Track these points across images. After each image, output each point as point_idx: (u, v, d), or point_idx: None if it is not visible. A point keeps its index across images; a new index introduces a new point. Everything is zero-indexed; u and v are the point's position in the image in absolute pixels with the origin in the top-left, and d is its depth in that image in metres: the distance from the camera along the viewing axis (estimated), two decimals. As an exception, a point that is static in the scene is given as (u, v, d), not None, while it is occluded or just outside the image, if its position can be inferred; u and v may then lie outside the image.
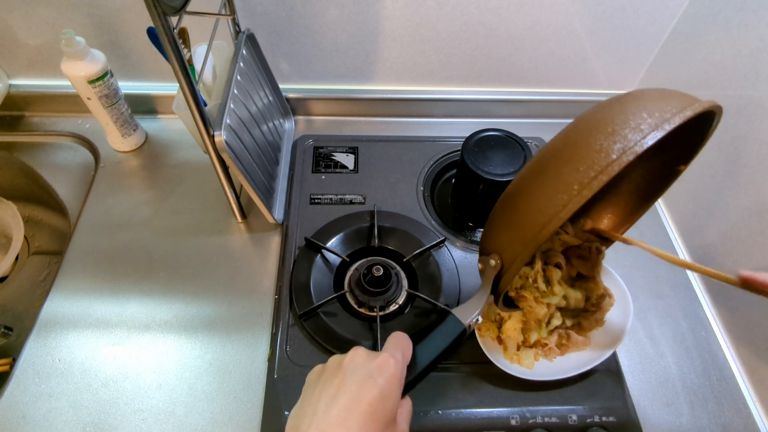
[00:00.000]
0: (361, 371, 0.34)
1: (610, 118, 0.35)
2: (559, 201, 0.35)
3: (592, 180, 0.33)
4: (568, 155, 0.36)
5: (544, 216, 0.35)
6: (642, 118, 0.34)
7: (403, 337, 0.39)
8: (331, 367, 0.36)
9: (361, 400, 0.32)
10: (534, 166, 0.39)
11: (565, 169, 0.35)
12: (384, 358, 0.35)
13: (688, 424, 0.52)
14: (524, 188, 0.39)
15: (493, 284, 0.42)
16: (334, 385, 0.34)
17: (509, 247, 0.39)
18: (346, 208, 0.65)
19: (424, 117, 0.80)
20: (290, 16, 0.66)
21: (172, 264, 0.60)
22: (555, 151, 0.38)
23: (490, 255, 0.41)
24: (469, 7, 0.66)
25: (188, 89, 0.45)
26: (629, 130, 0.33)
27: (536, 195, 0.37)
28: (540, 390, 0.50)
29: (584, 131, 0.36)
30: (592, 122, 0.36)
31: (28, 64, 0.71)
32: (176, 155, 0.72)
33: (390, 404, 0.33)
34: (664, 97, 0.35)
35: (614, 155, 0.33)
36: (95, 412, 0.49)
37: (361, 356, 0.36)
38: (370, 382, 0.33)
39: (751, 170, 0.57)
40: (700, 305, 0.61)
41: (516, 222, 0.39)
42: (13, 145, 0.73)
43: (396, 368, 0.35)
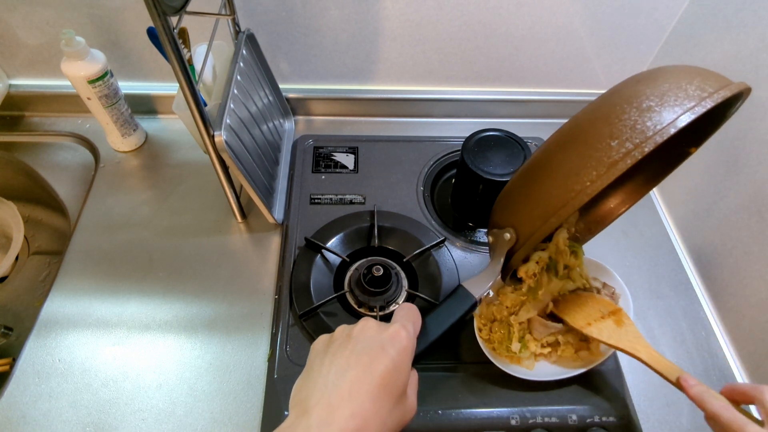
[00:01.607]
0: (372, 342, 0.33)
1: (644, 93, 0.33)
2: (586, 176, 0.33)
3: (626, 155, 0.32)
4: (598, 129, 0.34)
5: (569, 190, 0.34)
6: (678, 95, 0.32)
7: (413, 308, 0.38)
8: (340, 337, 0.35)
9: (373, 372, 0.31)
10: (560, 139, 0.37)
11: (596, 143, 0.33)
12: (396, 329, 0.34)
13: (688, 424, 0.52)
14: (548, 161, 0.37)
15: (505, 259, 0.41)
16: (344, 356, 0.33)
17: (528, 222, 0.38)
18: (346, 208, 0.65)
19: (424, 117, 0.80)
20: (290, 16, 0.66)
21: (172, 264, 0.60)
22: (583, 125, 0.36)
23: (504, 228, 0.40)
24: (469, 7, 0.66)
25: (188, 89, 0.45)
26: (666, 106, 0.31)
27: (562, 168, 0.35)
28: (540, 390, 0.50)
29: (616, 104, 0.34)
30: (624, 96, 0.34)
31: (28, 64, 0.71)
32: (176, 155, 0.72)
33: (402, 376, 0.33)
34: (700, 75, 0.34)
35: (649, 132, 0.31)
36: (95, 412, 0.49)
37: (371, 327, 0.35)
38: (382, 354, 0.32)
39: (751, 170, 0.57)
40: (700, 305, 0.61)
41: (537, 195, 0.37)
42: (13, 145, 0.73)
43: (408, 340, 0.34)
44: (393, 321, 0.36)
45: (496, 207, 0.43)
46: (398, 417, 0.33)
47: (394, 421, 0.32)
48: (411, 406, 0.35)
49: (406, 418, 0.34)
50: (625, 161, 0.32)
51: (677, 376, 0.39)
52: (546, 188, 0.36)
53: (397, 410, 0.32)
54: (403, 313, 0.37)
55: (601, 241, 0.55)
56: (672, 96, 0.32)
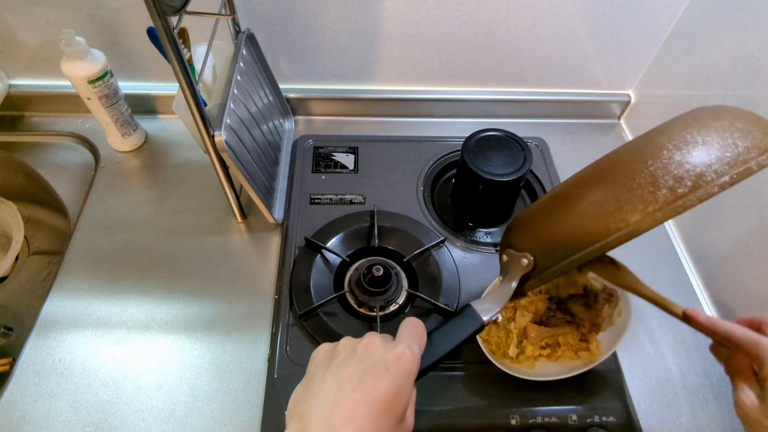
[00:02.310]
0: (377, 363, 0.32)
1: (694, 140, 0.30)
2: (622, 219, 0.31)
3: (666, 205, 0.29)
4: (639, 171, 0.31)
5: (601, 231, 0.31)
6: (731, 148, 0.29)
7: (419, 326, 0.37)
8: (343, 352, 0.34)
9: (375, 394, 0.30)
10: (596, 173, 0.35)
11: (635, 186, 0.31)
12: (401, 350, 0.33)
13: (688, 424, 0.52)
14: (582, 193, 0.35)
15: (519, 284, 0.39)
16: (346, 374, 0.32)
17: (549, 254, 0.36)
18: (346, 208, 0.65)
19: (424, 117, 0.80)
20: (290, 16, 0.66)
21: (172, 264, 0.60)
22: (624, 162, 0.33)
23: (521, 252, 0.38)
24: (469, 7, 0.66)
25: (188, 89, 0.45)
26: (717, 159, 0.29)
27: (596, 205, 0.33)
28: (540, 390, 0.50)
29: (663, 148, 0.31)
30: (672, 138, 0.32)
31: (28, 64, 0.71)
32: (176, 155, 0.72)
33: (404, 399, 0.32)
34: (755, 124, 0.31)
35: (696, 185, 0.29)
36: (95, 412, 0.49)
37: (377, 345, 0.34)
38: (386, 376, 0.31)
39: (751, 170, 0.56)
40: (700, 305, 0.61)
41: (565, 228, 0.35)
42: (13, 145, 0.73)
43: (413, 363, 0.33)
44: (398, 339, 0.35)
45: (515, 227, 0.41)
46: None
47: None
48: (409, 425, 0.34)
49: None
50: (665, 212, 0.29)
51: (683, 310, 0.38)
52: (574, 223, 0.34)
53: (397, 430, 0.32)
54: (408, 330, 0.36)
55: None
56: (725, 147, 0.30)
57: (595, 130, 0.81)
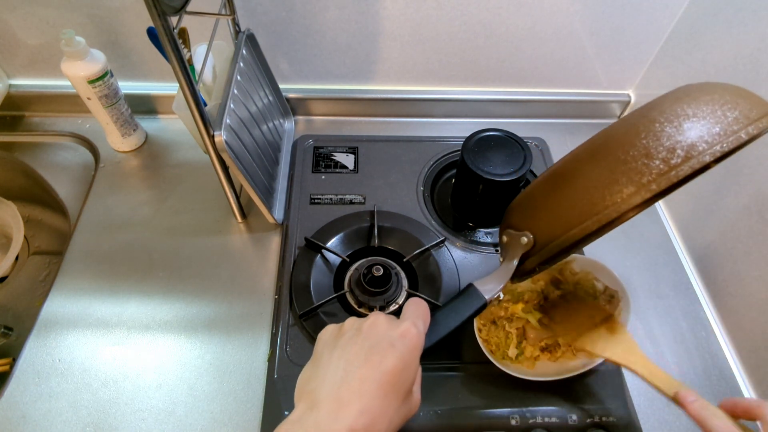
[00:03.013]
0: (382, 339, 0.33)
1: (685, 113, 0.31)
2: (617, 193, 0.32)
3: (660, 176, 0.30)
4: (632, 145, 0.32)
5: (596, 205, 0.32)
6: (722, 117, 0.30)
7: (423, 305, 0.38)
8: (350, 330, 0.35)
9: (383, 370, 0.31)
10: (590, 149, 0.36)
11: (629, 159, 0.32)
12: (406, 327, 0.34)
13: (688, 424, 0.52)
14: (576, 170, 0.36)
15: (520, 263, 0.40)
16: (353, 352, 0.33)
17: (548, 229, 0.37)
18: (346, 208, 0.65)
19: (424, 117, 0.80)
20: (290, 16, 0.66)
21: (172, 264, 0.60)
22: (617, 137, 0.34)
23: (521, 231, 0.39)
24: (469, 7, 0.66)
25: (188, 89, 0.45)
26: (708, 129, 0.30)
27: (590, 180, 0.34)
28: (540, 390, 0.50)
29: (655, 121, 0.32)
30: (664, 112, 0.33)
31: (28, 64, 0.71)
32: (176, 155, 0.72)
33: (410, 375, 0.33)
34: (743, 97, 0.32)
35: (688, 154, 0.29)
36: (95, 412, 0.49)
37: (382, 323, 0.34)
38: (392, 352, 0.32)
39: (750, 170, 0.57)
40: (700, 305, 0.61)
41: (562, 203, 0.36)
42: (13, 145, 0.73)
43: (418, 339, 0.34)
44: (403, 317, 0.36)
45: (514, 208, 0.42)
46: (404, 413, 0.33)
47: (401, 418, 0.32)
48: (416, 401, 0.35)
49: (411, 413, 0.34)
50: (659, 183, 0.30)
51: (675, 392, 0.38)
52: (571, 198, 0.35)
53: (403, 407, 0.33)
54: (412, 309, 0.37)
55: (601, 241, 0.54)
56: (715, 119, 0.30)
57: (596, 130, 0.79)
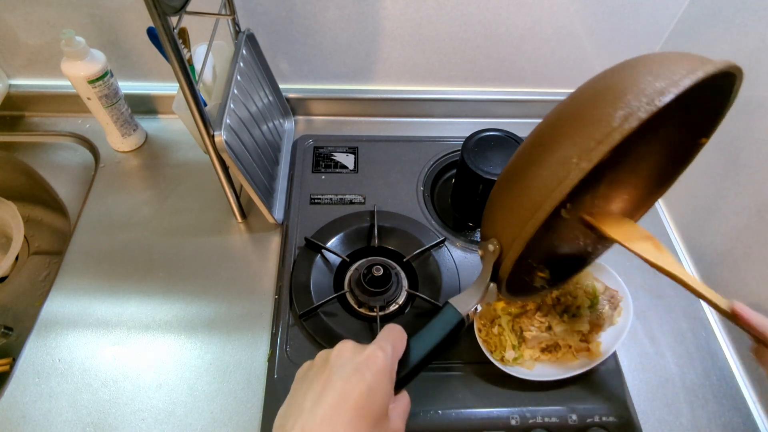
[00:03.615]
0: (347, 366, 0.33)
1: (612, 85, 0.32)
2: (555, 176, 0.32)
3: (591, 151, 0.30)
4: (564, 128, 0.33)
5: (540, 193, 0.32)
6: (647, 81, 0.30)
7: (396, 328, 0.37)
8: (318, 363, 0.35)
9: (347, 396, 0.31)
10: (530, 143, 0.37)
11: (563, 142, 0.32)
12: (371, 351, 0.34)
13: (688, 424, 0.52)
14: (520, 166, 0.37)
15: (494, 271, 0.40)
16: (320, 382, 0.32)
17: (507, 230, 0.36)
18: (346, 208, 0.65)
19: (424, 117, 0.80)
20: (290, 16, 0.66)
21: (172, 264, 0.60)
22: (551, 126, 0.35)
23: (488, 240, 0.39)
24: (469, 7, 0.66)
25: (188, 89, 0.45)
26: (632, 96, 0.29)
27: (532, 172, 0.34)
28: (540, 390, 0.50)
29: (584, 101, 0.33)
30: (591, 91, 0.33)
31: (28, 64, 0.71)
32: (176, 155, 0.72)
33: (379, 399, 0.32)
34: (674, 59, 0.32)
35: (615, 122, 0.29)
36: (95, 412, 0.49)
37: (348, 350, 0.34)
38: (356, 377, 0.32)
39: (751, 170, 0.57)
40: (700, 305, 0.61)
41: (513, 202, 0.36)
42: (13, 145, 0.73)
43: (384, 361, 0.33)
44: (373, 342, 0.36)
45: (482, 219, 0.42)
46: None
47: None
48: (394, 428, 0.34)
49: None
50: (590, 157, 0.30)
51: (731, 307, 0.36)
52: (520, 194, 0.35)
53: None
54: (383, 334, 0.37)
55: (601, 241, 0.55)
56: (641, 83, 0.30)
57: None
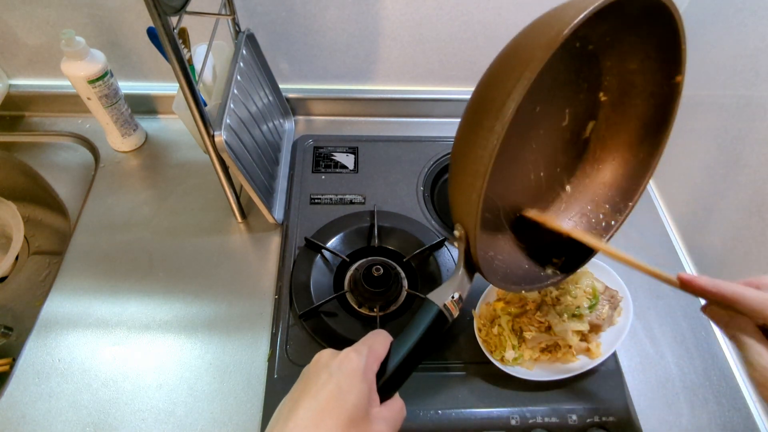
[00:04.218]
0: (322, 372, 0.33)
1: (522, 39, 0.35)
2: (484, 137, 0.32)
3: (507, 97, 0.31)
4: (485, 91, 0.35)
5: (475, 161, 0.32)
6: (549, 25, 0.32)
7: (378, 332, 0.38)
8: (300, 376, 0.36)
9: (318, 398, 0.31)
10: (461, 121, 0.38)
11: (486, 104, 0.33)
12: (344, 353, 0.34)
13: (688, 424, 0.52)
14: (456, 143, 0.38)
15: (466, 256, 0.39)
16: (297, 390, 0.33)
17: (462, 209, 0.36)
18: (346, 208, 0.65)
19: (424, 117, 0.80)
20: (290, 16, 0.66)
21: (172, 264, 0.60)
22: (475, 95, 0.37)
23: (455, 227, 0.38)
24: (469, 7, 0.66)
25: (188, 89, 0.45)
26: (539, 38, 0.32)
27: (466, 144, 0.34)
28: (540, 390, 0.50)
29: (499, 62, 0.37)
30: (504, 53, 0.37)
31: (28, 64, 0.71)
32: (176, 155, 0.72)
33: (352, 399, 0.31)
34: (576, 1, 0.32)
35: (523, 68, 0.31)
36: (95, 412, 0.49)
37: (324, 357, 0.35)
38: (329, 381, 0.32)
39: (751, 170, 0.57)
40: (700, 304, 0.61)
41: (459, 180, 0.36)
42: (13, 145, 0.73)
43: (358, 362, 0.33)
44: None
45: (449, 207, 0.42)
46: None
47: None
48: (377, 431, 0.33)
49: None
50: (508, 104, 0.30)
51: (677, 275, 0.36)
52: (462, 170, 0.35)
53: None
54: (363, 338, 0.37)
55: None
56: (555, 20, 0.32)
57: None
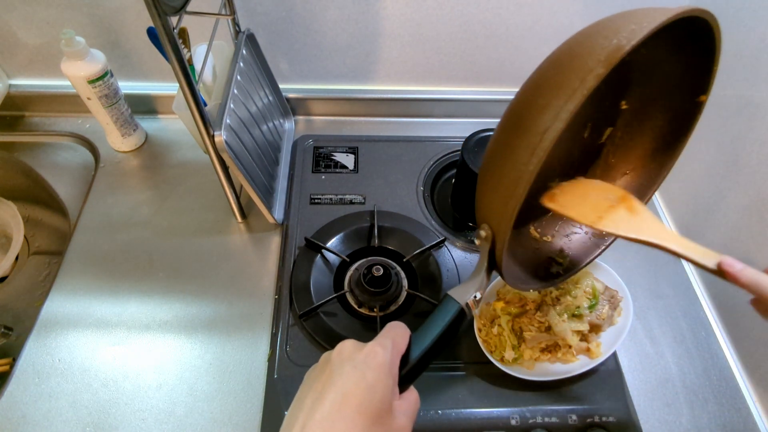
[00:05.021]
0: (347, 364, 0.33)
1: (571, 50, 0.32)
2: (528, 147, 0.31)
3: (560, 111, 0.29)
4: (533, 97, 0.33)
5: (516, 169, 0.32)
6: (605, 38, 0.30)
7: (398, 325, 0.37)
8: (320, 364, 0.35)
9: (346, 393, 0.31)
10: (502, 121, 0.36)
11: (533, 111, 0.32)
12: (370, 347, 0.33)
13: (688, 424, 0.52)
14: (495, 144, 0.36)
15: (491, 257, 0.39)
16: (321, 381, 0.33)
17: (495, 212, 0.36)
18: (346, 208, 0.65)
19: (424, 117, 0.80)
20: (290, 16, 0.66)
21: (172, 264, 0.60)
22: (522, 98, 0.35)
23: (480, 226, 0.38)
24: (469, 7, 0.66)
25: (188, 89, 0.45)
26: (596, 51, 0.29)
27: (507, 148, 0.33)
28: (540, 390, 0.50)
29: (549, 67, 0.34)
30: (555, 57, 0.34)
31: (28, 64, 0.71)
32: (176, 155, 0.72)
33: (379, 395, 0.32)
34: (634, 14, 0.31)
35: (576, 83, 0.29)
36: (95, 412, 0.49)
37: (348, 348, 0.34)
38: (355, 374, 0.32)
39: (751, 170, 0.57)
40: (700, 305, 0.61)
41: (494, 183, 0.35)
42: (13, 145, 0.73)
43: (384, 356, 0.33)
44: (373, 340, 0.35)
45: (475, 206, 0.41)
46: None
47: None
48: (399, 426, 0.33)
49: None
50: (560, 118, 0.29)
51: (717, 262, 0.34)
52: (499, 172, 0.34)
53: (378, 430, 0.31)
54: (384, 331, 0.36)
55: (601, 241, 0.55)
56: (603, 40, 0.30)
57: None
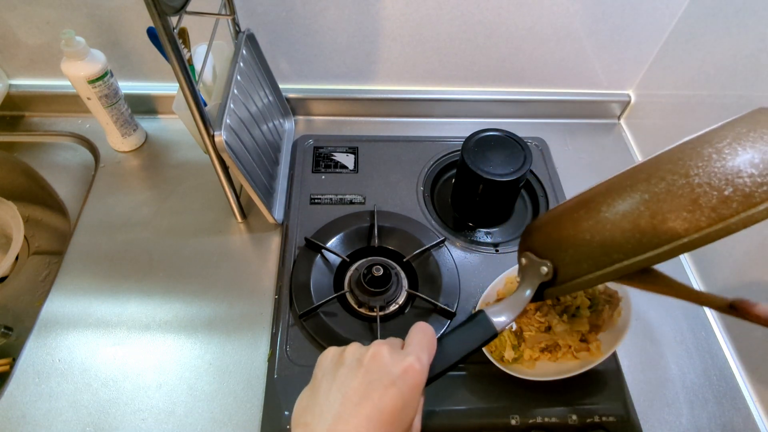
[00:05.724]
0: (385, 377, 0.32)
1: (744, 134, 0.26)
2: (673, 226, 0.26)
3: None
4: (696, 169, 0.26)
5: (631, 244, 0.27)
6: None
7: (429, 333, 0.36)
8: (350, 362, 0.34)
9: (382, 408, 0.30)
10: (640, 172, 0.30)
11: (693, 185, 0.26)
12: (410, 363, 0.32)
13: (688, 424, 0.52)
14: (611, 199, 0.30)
15: (538, 291, 0.37)
16: (352, 387, 0.32)
17: (572, 262, 0.32)
18: (346, 208, 0.65)
19: (424, 117, 0.80)
20: (290, 16, 0.66)
21: (172, 264, 0.60)
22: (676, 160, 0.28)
23: (541, 260, 0.35)
24: (469, 7, 0.66)
25: (188, 89, 0.45)
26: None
27: (627, 213, 0.28)
28: (540, 390, 0.50)
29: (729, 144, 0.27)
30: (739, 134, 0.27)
31: (28, 64, 0.71)
32: (176, 155, 0.72)
33: (411, 413, 0.32)
34: None
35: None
36: (95, 412, 0.49)
37: (384, 355, 0.33)
38: (393, 391, 0.31)
39: (751, 170, 0.56)
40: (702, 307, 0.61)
41: (590, 236, 0.31)
42: (13, 145, 0.73)
43: (421, 376, 0.33)
44: (407, 348, 0.34)
45: (537, 230, 0.38)
46: None
47: None
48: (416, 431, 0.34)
49: None
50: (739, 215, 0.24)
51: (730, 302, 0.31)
52: (601, 235, 0.30)
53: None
54: (418, 340, 0.35)
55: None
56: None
57: (595, 130, 0.81)
